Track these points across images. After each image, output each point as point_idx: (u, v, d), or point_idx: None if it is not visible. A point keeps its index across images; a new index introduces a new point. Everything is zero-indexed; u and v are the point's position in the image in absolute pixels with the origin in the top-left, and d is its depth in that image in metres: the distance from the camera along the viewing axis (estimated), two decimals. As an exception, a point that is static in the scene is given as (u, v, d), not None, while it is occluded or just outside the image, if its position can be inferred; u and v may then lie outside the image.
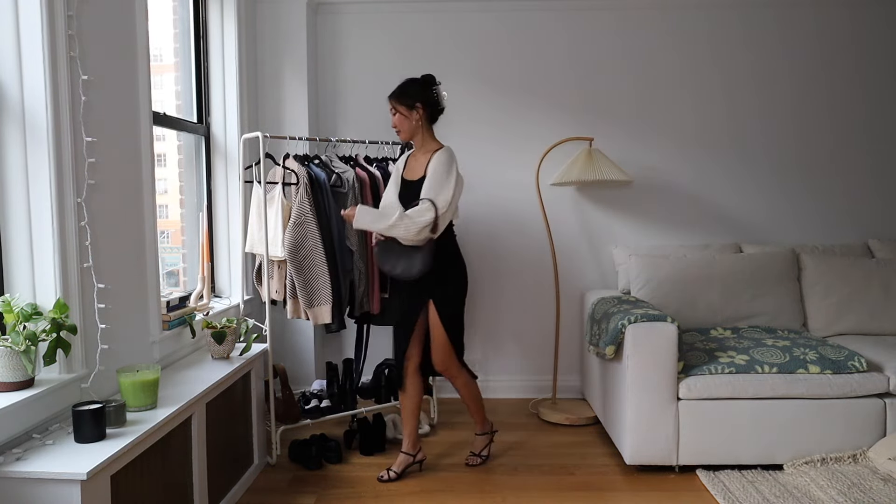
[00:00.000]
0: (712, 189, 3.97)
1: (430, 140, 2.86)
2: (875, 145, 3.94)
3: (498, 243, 4.02)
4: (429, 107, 2.80)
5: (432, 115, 2.84)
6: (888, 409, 2.85)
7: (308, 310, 3.11)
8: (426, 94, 2.79)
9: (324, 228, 3.06)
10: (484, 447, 3.05)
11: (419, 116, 2.79)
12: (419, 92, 2.79)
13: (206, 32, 3.41)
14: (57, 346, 1.91)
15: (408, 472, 2.91)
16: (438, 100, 2.83)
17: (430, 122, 2.85)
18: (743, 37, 3.90)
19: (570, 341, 4.01)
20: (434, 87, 2.82)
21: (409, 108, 2.78)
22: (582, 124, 3.93)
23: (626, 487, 2.79)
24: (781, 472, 2.83)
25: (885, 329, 3.40)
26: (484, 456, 3.04)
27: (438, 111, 2.86)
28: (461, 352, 2.91)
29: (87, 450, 1.75)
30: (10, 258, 1.99)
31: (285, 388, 3.22)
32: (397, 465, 2.88)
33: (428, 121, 2.83)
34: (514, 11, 3.92)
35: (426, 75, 2.84)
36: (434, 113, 2.84)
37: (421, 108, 2.78)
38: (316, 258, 3.05)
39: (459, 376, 2.92)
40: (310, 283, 3.08)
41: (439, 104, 2.84)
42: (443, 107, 2.86)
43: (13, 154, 1.95)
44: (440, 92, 2.83)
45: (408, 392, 2.88)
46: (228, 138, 3.46)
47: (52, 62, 1.93)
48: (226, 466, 2.56)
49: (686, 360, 2.92)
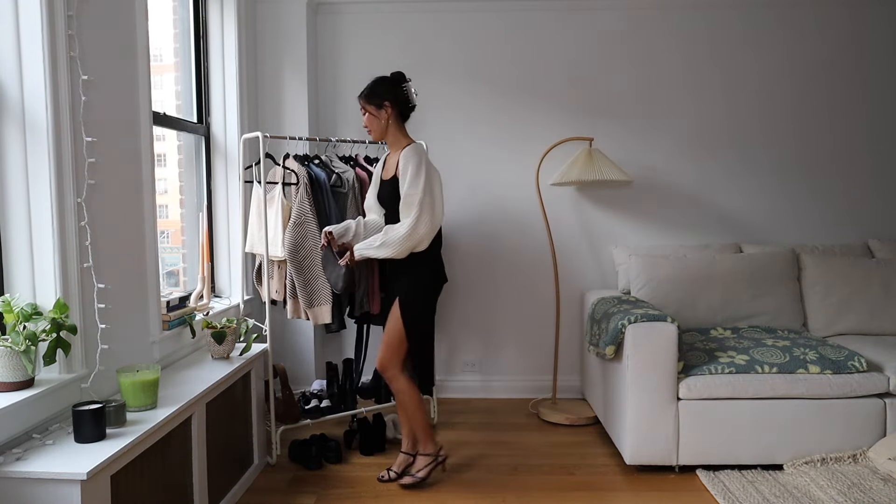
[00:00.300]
0: (712, 189, 3.97)
1: (402, 138, 2.79)
2: (875, 145, 3.94)
3: (498, 243, 4.02)
4: (398, 105, 2.74)
5: (402, 112, 2.78)
6: (888, 409, 2.85)
7: (308, 310, 3.11)
8: (395, 93, 2.73)
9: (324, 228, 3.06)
10: (424, 467, 2.80)
11: (388, 115, 2.73)
12: (388, 90, 2.73)
13: (206, 32, 3.41)
14: (57, 346, 1.91)
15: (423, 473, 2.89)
16: (408, 97, 2.76)
17: (401, 121, 2.79)
18: (743, 37, 3.90)
19: (570, 341, 4.01)
20: (404, 85, 2.76)
21: (378, 107, 2.73)
22: (582, 124, 3.93)
23: (626, 487, 2.79)
24: (781, 472, 2.83)
25: (885, 329, 3.40)
26: (419, 477, 2.78)
27: (409, 109, 2.79)
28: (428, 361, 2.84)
29: (87, 450, 1.75)
30: (10, 258, 1.99)
31: (285, 388, 3.22)
32: (397, 465, 2.87)
33: (399, 119, 2.77)
34: (514, 11, 3.92)
35: (395, 73, 2.78)
36: (404, 111, 2.78)
37: (390, 106, 2.72)
38: (316, 258, 3.05)
39: (395, 381, 2.78)
40: (310, 282, 3.09)
41: (409, 102, 2.77)
42: (413, 104, 2.79)
43: (13, 154, 1.95)
44: (410, 89, 2.76)
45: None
46: (228, 138, 3.46)
47: (52, 62, 1.93)
48: (226, 466, 2.56)
49: (686, 360, 2.92)
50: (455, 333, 4.07)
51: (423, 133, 3.90)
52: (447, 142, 3.97)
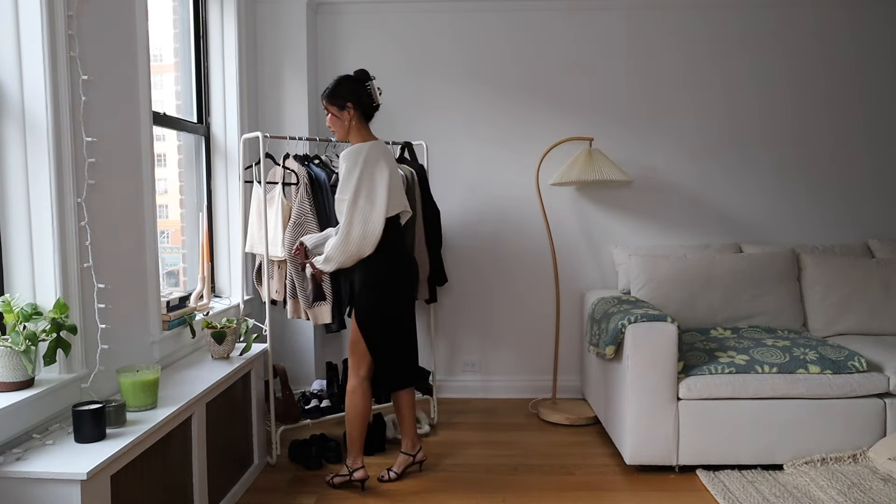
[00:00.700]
0: (712, 189, 3.97)
1: (367, 138, 2.72)
2: (875, 145, 3.94)
3: (498, 243, 4.02)
4: (360, 105, 2.67)
5: (365, 113, 2.71)
6: (888, 409, 2.85)
7: (308, 310, 3.11)
8: (358, 92, 2.67)
9: (324, 228, 3.06)
10: (340, 477, 2.77)
11: (351, 116, 2.67)
12: (350, 91, 2.67)
13: (206, 32, 3.41)
14: (57, 346, 1.91)
15: (408, 472, 2.91)
16: (372, 96, 2.69)
17: (364, 120, 2.72)
18: (743, 37, 3.90)
19: (570, 341, 4.01)
20: (367, 83, 2.68)
21: (340, 108, 2.67)
22: (582, 124, 3.93)
23: (626, 487, 2.79)
24: (781, 472, 2.82)
25: (885, 329, 3.40)
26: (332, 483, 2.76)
27: (373, 108, 2.72)
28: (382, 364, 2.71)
29: (87, 450, 1.75)
30: (10, 258, 1.99)
31: (285, 388, 3.22)
32: (397, 465, 2.87)
33: (362, 119, 2.70)
34: (515, 11, 3.92)
35: (359, 71, 2.72)
36: (368, 111, 2.71)
37: (352, 107, 2.66)
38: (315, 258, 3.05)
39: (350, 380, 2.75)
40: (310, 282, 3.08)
41: (373, 101, 2.70)
42: (377, 103, 2.72)
43: (13, 154, 1.95)
44: (374, 87, 2.69)
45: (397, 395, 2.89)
46: (228, 138, 3.46)
47: (52, 62, 1.93)
48: (226, 466, 2.56)
49: (686, 360, 2.92)
50: (455, 333, 4.07)
51: (424, 133, 3.90)
52: (447, 142, 3.97)
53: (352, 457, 2.76)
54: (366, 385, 2.75)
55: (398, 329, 2.77)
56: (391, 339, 2.75)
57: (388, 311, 2.73)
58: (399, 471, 2.86)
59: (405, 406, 2.90)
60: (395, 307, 2.75)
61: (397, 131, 3.91)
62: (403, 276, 2.77)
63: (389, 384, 2.81)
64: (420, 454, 2.91)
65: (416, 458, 2.90)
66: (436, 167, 3.95)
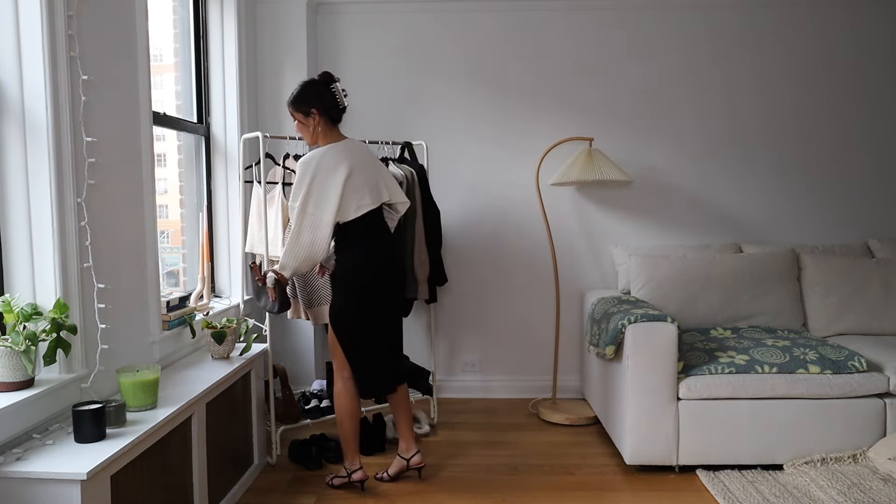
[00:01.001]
0: (712, 189, 3.97)
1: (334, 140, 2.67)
2: (875, 145, 3.94)
3: (498, 243, 4.02)
4: (325, 110, 2.62)
5: (332, 117, 2.65)
6: (888, 409, 2.85)
7: (308, 310, 3.11)
8: (322, 97, 2.61)
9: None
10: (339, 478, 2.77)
11: (317, 122, 2.63)
12: (314, 96, 2.61)
13: (206, 32, 3.41)
14: (57, 346, 1.91)
15: (405, 477, 2.87)
16: (336, 100, 2.64)
17: (331, 124, 2.66)
18: (743, 37, 3.90)
19: (570, 341, 4.01)
20: (332, 86, 2.63)
21: (305, 114, 2.62)
22: (582, 124, 3.93)
23: (626, 487, 2.79)
24: (781, 472, 2.82)
25: (885, 329, 3.40)
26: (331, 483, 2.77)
27: (339, 111, 2.66)
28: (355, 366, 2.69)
29: (87, 450, 1.75)
30: (10, 258, 1.99)
31: (285, 388, 3.22)
32: (392, 468, 2.84)
33: (329, 123, 2.65)
34: (515, 11, 3.92)
35: (323, 74, 2.66)
36: (334, 115, 2.65)
37: (317, 112, 2.61)
38: None
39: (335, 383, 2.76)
40: (309, 283, 3.09)
41: (338, 104, 2.65)
42: (343, 106, 2.66)
43: (13, 154, 1.95)
44: (338, 90, 2.64)
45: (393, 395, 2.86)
46: (228, 138, 3.46)
47: (52, 62, 1.93)
48: (226, 466, 2.56)
49: (686, 360, 2.92)
50: (455, 333, 4.07)
51: (424, 133, 3.90)
52: (447, 142, 3.97)
53: (348, 458, 2.75)
54: (350, 385, 2.73)
55: (374, 330, 2.70)
56: (366, 340, 2.69)
57: (363, 311, 2.66)
58: (392, 473, 2.82)
59: (397, 407, 2.85)
60: (371, 307, 2.67)
61: (397, 131, 3.92)
62: (381, 275, 2.68)
63: (366, 388, 2.75)
64: (416, 458, 2.81)
65: (409, 462, 2.81)
66: (436, 167, 3.95)
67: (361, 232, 2.65)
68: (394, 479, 2.83)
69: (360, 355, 2.70)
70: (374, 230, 2.69)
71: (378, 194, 2.68)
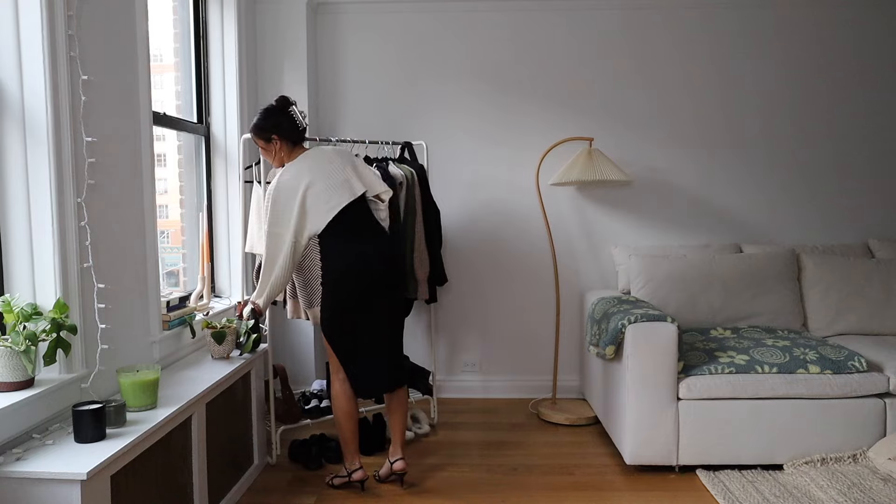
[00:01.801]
0: (712, 189, 3.97)
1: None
2: (875, 145, 3.94)
3: (498, 243, 4.02)
4: (284, 135, 2.67)
5: (292, 139, 2.70)
6: (888, 409, 2.85)
7: (308, 310, 3.11)
8: (279, 122, 2.66)
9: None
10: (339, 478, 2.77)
11: (278, 147, 2.69)
12: (272, 123, 2.67)
13: (206, 32, 3.41)
14: (57, 346, 1.91)
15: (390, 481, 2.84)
16: (295, 123, 2.69)
17: (293, 146, 2.71)
18: (743, 37, 3.90)
19: (570, 341, 4.01)
20: (290, 109, 2.69)
21: (266, 140, 2.69)
22: (582, 124, 3.94)
23: (626, 487, 2.79)
24: (781, 472, 2.83)
25: (885, 329, 3.40)
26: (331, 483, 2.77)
27: (299, 133, 2.71)
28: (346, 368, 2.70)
29: (87, 450, 1.74)
30: (10, 258, 1.99)
31: (285, 388, 3.22)
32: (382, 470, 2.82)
33: (290, 146, 2.70)
34: (515, 11, 3.92)
35: (279, 98, 2.71)
36: (294, 136, 2.70)
37: (277, 138, 2.67)
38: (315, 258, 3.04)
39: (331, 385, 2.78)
40: (309, 283, 3.08)
41: (297, 126, 2.70)
42: (303, 127, 2.72)
43: (13, 154, 1.95)
44: (296, 113, 2.69)
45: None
46: (228, 138, 3.46)
47: (52, 62, 1.93)
48: (226, 466, 2.56)
49: (686, 360, 2.92)
50: (455, 333, 4.07)
51: (424, 133, 3.90)
52: (447, 142, 3.97)
53: (348, 458, 2.75)
54: (346, 386, 2.74)
55: (362, 332, 2.69)
56: (353, 342, 2.69)
57: (347, 314, 2.67)
58: (382, 475, 2.81)
59: (392, 410, 2.82)
60: (355, 310, 2.67)
61: (397, 131, 3.92)
62: (366, 277, 2.66)
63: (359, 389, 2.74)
64: (397, 464, 2.75)
65: (392, 465, 2.76)
66: (436, 167, 3.95)
67: (343, 235, 2.66)
68: (383, 480, 2.82)
69: (350, 357, 2.70)
70: (358, 231, 2.69)
71: (350, 190, 2.67)
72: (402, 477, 2.79)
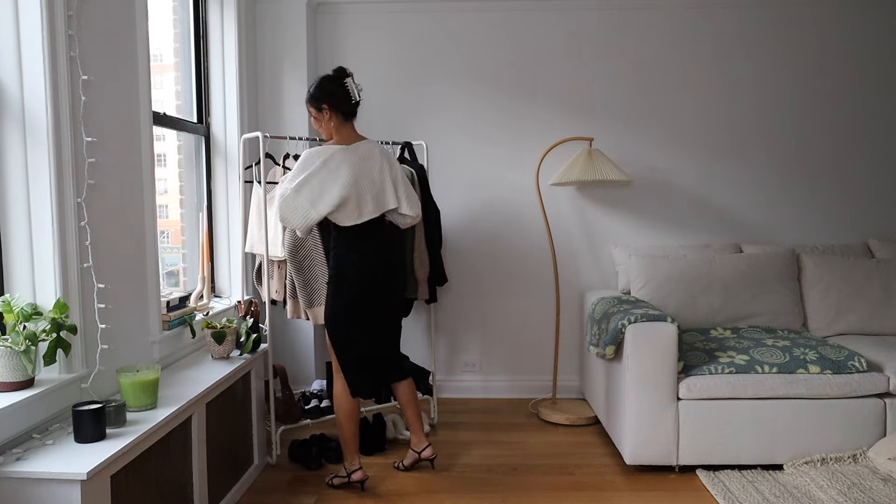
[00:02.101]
0: (712, 189, 3.97)
1: (346, 137, 2.71)
2: (875, 145, 3.94)
3: (498, 243, 4.02)
4: (337, 106, 2.66)
5: (344, 111, 2.68)
6: (888, 409, 2.85)
7: (308, 310, 3.11)
8: (333, 93, 2.65)
9: (323, 228, 3.06)
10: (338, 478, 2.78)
11: (328, 117, 2.67)
12: (326, 92, 2.65)
13: (206, 32, 3.41)
14: (57, 346, 1.91)
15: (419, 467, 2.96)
16: (349, 94, 2.66)
17: (344, 119, 2.69)
18: (743, 37, 3.90)
19: (570, 341, 4.01)
20: (345, 80, 2.66)
21: (318, 109, 2.68)
22: (582, 124, 3.93)
23: (626, 487, 2.79)
24: (781, 472, 2.82)
25: (885, 329, 3.40)
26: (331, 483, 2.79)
27: (351, 106, 2.69)
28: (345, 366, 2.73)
29: (87, 450, 1.75)
30: (10, 258, 1.99)
31: (285, 388, 3.22)
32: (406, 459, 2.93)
33: (341, 118, 2.68)
34: (515, 11, 3.92)
35: (337, 69, 2.69)
36: (346, 109, 2.68)
37: (328, 108, 2.66)
38: (316, 258, 3.05)
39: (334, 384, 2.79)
40: (309, 283, 3.09)
41: (350, 99, 2.67)
42: (356, 101, 2.68)
43: (13, 154, 1.95)
44: (351, 85, 2.67)
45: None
46: (228, 138, 3.46)
47: (52, 62, 1.93)
48: (226, 466, 2.56)
49: (686, 360, 2.92)
50: (455, 333, 4.07)
51: (424, 133, 3.90)
52: (447, 142, 3.97)
53: (348, 459, 2.76)
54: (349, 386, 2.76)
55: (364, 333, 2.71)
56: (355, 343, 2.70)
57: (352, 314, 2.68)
58: (407, 464, 2.92)
59: (403, 404, 2.90)
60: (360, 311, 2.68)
61: (397, 131, 3.92)
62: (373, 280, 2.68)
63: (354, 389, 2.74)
64: (426, 451, 2.89)
65: (421, 455, 2.90)
66: (436, 167, 3.95)
67: (358, 237, 2.66)
68: (409, 468, 2.92)
69: (349, 357, 2.72)
70: (370, 234, 2.69)
71: (383, 202, 2.69)
72: (433, 462, 2.91)
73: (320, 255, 3.04)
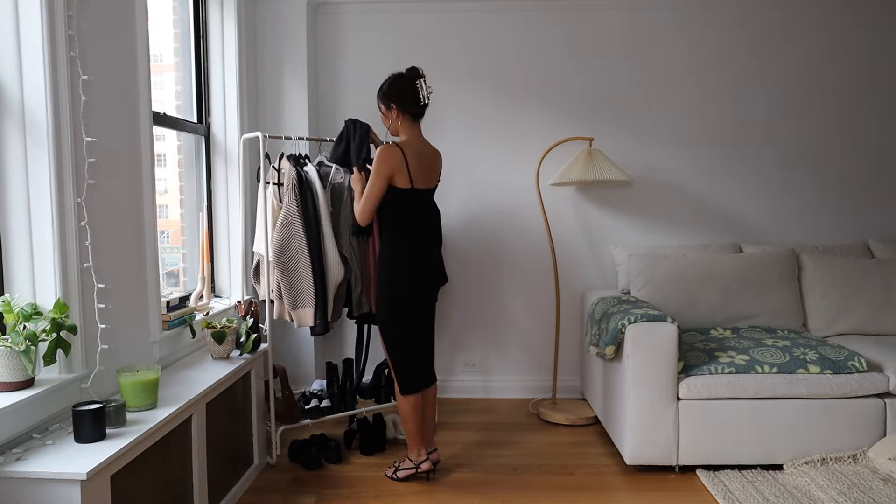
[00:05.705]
0: (712, 189, 3.97)
1: (414, 138, 2.76)
2: (875, 145, 3.94)
3: (498, 243, 4.02)
4: (404, 106, 2.72)
5: (411, 112, 2.74)
6: (888, 409, 2.85)
7: (292, 311, 3.08)
8: (402, 92, 2.71)
9: (310, 230, 3.03)
10: (405, 470, 2.84)
11: (395, 116, 2.74)
12: (395, 91, 2.72)
13: (206, 32, 3.41)
14: (57, 346, 1.91)
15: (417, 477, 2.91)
16: (418, 96, 2.71)
17: (411, 119, 2.75)
18: (744, 36, 3.90)
19: (570, 341, 4.01)
20: (416, 83, 2.72)
21: (386, 107, 2.76)
22: (582, 124, 3.93)
23: (626, 487, 2.79)
24: (781, 472, 2.83)
25: (885, 329, 3.40)
26: (394, 477, 2.85)
27: (419, 108, 2.74)
28: (399, 369, 2.78)
29: (87, 450, 1.75)
30: (10, 258, 1.99)
31: (285, 388, 3.22)
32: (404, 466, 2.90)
33: (409, 118, 2.75)
34: (515, 11, 3.92)
35: (410, 69, 2.75)
36: (414, 110, 2.74)
37: (396, 108, 2.72)
38: (301, 260, 3.01)
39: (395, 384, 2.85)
40: (294, 285, 3.04)
41: (419, 100, 2.72)
42: (424, 102, 2.74)
43: (13, 154, 1.95)
44: (422, 86, 2.72)
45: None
46: (228, 138, 3.46)
47: (52, 62, 1.93)
48: (226, 466, 2.56)
49: (686, 360, 2.92)
50: (455, 333, 4.07)
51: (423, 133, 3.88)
52: (447, 142, 3.96)
53: (415, 451, 2.84)
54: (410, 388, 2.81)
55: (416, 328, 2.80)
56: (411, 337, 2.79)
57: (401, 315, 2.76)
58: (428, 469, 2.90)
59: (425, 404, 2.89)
60: (413, 305, 2.77)
61: (397, 131, 3.91)
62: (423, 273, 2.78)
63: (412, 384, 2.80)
64: (434, 455, 2.87)
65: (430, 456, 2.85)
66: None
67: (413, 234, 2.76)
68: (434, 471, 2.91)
69: (410, 352, 2.80)
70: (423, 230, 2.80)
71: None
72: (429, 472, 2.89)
73: (305, 258, 3.00)
